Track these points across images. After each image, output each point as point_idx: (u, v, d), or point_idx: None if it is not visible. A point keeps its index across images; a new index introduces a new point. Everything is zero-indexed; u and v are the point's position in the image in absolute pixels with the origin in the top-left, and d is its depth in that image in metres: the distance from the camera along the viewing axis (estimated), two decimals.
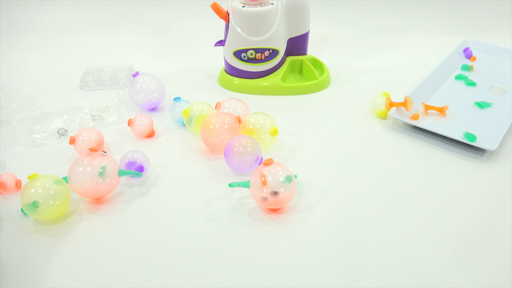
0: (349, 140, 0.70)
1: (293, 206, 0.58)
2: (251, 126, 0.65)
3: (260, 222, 0.56)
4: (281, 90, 0.84)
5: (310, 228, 0.55)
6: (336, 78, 0.89)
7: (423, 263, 0.50)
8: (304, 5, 0.80)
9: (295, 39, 0.84)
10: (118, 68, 0.91)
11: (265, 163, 0.55)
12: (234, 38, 0.81)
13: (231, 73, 0.86)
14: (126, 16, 1.18)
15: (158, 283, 0.48)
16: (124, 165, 0.61)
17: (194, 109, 0.69)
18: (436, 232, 0.53)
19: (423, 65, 0.92)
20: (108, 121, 0.76)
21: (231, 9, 0.78)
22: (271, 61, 0.82)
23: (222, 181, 0.62)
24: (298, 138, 0.71)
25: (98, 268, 0.50)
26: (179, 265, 0.50)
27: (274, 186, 0.54)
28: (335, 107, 0.79)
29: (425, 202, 0.58)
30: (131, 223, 0.56)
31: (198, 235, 0.54)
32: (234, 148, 0.61)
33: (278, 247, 0.52)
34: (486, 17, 1.10)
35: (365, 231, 0.54)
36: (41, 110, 0.78)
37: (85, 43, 1.06)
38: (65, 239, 0.54)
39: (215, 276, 0.49)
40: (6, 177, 0.60)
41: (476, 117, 0.74)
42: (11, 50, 1.03)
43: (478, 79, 0.85)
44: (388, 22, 1.12)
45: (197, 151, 0.69)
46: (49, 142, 0.71)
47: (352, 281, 0.48)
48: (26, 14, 1.18)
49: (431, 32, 1.07)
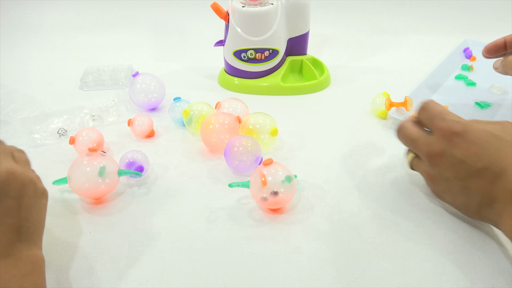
0: (349, 140, 0.70)
1: (293, 206, 0.58)
2: (251, 126, 0.65)
3: (260, 222, 0.56)
4: (281, 90, 0.84)
5: (310, 228, 0.55)
6: (336, 78, 0.89)
7: (423, 263, 0.50)
8: (304, 5, 0.80)
9: (295, 39, 0.84)
10: (118, 68, 0.91)
11: (264, 163, 0.55)
12: (234, 38, 0.81)
13: (231, 73, 0.86)
14: (126, 16, 1.18)
15: (158, 283, 0.48)
16: (124, 165, 0.61)
17: (194, 109, 0.69)
18: (436, 232, 0.53)
19: (423, 65, 0.92)
20: (108, 121, 0.76)
21: (231, 9, 0.78)
22: (271, 61, 0.82)
23: (222, 181, 0.62)
24: (298, 138, 0.71)
25: (98, 268, 0.50)
26: (179, 265, 0.50)
27: (274, 186, 0.54)
28: (335, 107, 0.79)
29: (425, 202, 0.58)
30: (131, 223, 0.56)
31: (198, 235, 0.54)
32: (234, 148, 0.61)
33: (278, 247, 0.52)
34: (486, 17, 1.11)
35: (365, 231, 0.54)
36: (41, 110, 0.78)
37: (85, 43, 1.06)
38: (64, 239, 0.54)
39: (215, 276, 0.49)
40: None
41: (476, 117, 0.74)
42: (11, 50, 1.03)
43: (478, 79, 0.85)
44: (388, 22, 1.12)
45: (197, 151, 0.69)
46: (49, 142, 0.71)
47: (352, 281, 0.48)
48: (26, 15, 1.18)
49: (431, 32, 1.07)
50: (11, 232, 0.42)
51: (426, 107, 0.53)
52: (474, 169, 0.47)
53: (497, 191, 0.46)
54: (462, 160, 0.48)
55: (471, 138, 0.48)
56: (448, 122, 0.49)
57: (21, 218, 0.44)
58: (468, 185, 0.48)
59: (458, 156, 0.48)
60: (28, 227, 0.44)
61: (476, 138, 0.47)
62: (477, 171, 0.47)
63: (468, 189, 0.49)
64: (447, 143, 0.49)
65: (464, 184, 0.49)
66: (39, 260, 0.44)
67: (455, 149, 0.48)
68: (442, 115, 0.50)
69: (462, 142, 0.48)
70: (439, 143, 0.50)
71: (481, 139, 0.47)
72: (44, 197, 0.48)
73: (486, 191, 0.47)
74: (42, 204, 0.47)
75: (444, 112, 0.51)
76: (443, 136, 0.49)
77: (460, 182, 0.49)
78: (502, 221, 0.47)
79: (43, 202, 0.48)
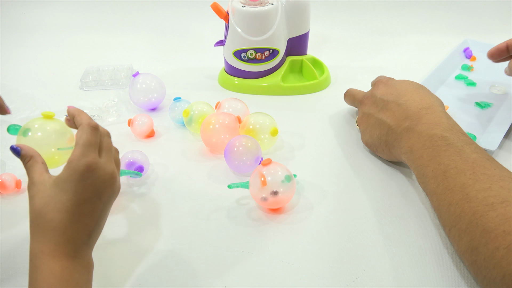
0: (349, 140, 0.70)
1: (293, 206, 0.58)
2: (251, 126, 0.65)
3: (259, 222, 0.56)
4: (281, 90, 0.84)
5: (310, 228, 0.55)
6: (336, 78, 0.89)
7: (423, 263, 0.50)
8: (304, 5, 0.80)
9: (295, 39, 0.84)
10: (118, 68, 0.91)
11: (264, 163, 0.55)
12: (234, 38, 0.81)
13: (231, 73, 0.86)
14: (126, 16, 1.18)
15: (158, 283, 0.48)
16: (124, 165, 0.61)
17: (194, 109, 0.69)
18: (436, 232, 0.53)
19: (423, 65, 0.91)
20: (108, 121, 0.76)
21: (231, 9, 0.78)
22: (271, 61, 0.82)
23: (222, 181, 0.62)
24: (298, 138, 0.71)
25: (98, 268, 0.50)
26: (179, 265, 0.50)
27: (274, 186, 0.54)
28: (335, 107, 0.79)
29: (425, 202, 0.58)
30: (130, 223, 0.56)
31: (197, 235, 0.54)
32: (234, 148, 0.61)
33: (278, 247, 0.52)
34: (486, 17, 1.10)
35: (365, 231, 0.54)
36: (41, 110, 0.78)
37: (85, 43, 1.06)
38: None
39: (215, 276, 0.49)
40: (6, 177, 0.60)
41: (476, 117, 0.74)
42: (11, 50, 1.03)
43: (478, 79, 0.85)
44: (388, 22, 1.12)
45: (197, 151, 0.69)
46: None
47: (352, 281, 0.48)
48: (26, 15, 1.18)
49: (431, 32, 1.07)
50: (87, 234, 0.42)
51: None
52: (385, 102, 0.62)
53: (399, 117, 0.59)
54: (380, 98, 0.63)
55: (390, 83, 0.64)
56: (379, 77, 0.68)
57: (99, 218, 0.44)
58: (381, 116, 0.61)
59: (378, 95, 0.64)
60: (98, 230, 0.44)
61: (393, 84, 0.64)
62: (387, 103, 0.61)
63: (381, 120, 0.61)
64: (374, 88, 0.66)
65: (378, 116, 0.62)
66: (91, 262, 0.44)
67: (377, 91, 0.64)
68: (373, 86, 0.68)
69: (383, 86, 0.64)
70: (369, 91, 0.67)
71: (395, 83, 0.64)
72: (116, 195, 0.47)
73: (392, 119, 0.59)
74: (112, 203, 0.47)
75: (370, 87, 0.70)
76: (372, 85, 0.68)
77: (376, 115, 0.62)
78: (401, 144, 0.57)
79: (114, 200, 0.47)
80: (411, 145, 0.55)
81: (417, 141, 0.54)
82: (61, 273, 0.39)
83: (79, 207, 0.41)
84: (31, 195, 0.42)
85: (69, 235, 0.41)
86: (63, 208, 0.41)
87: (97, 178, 0.43)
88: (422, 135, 0.54)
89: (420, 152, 0.53)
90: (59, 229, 0.40)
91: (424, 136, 0.54)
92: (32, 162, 0.44)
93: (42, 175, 0.42)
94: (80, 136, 0.44)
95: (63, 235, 0.40)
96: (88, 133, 0.44)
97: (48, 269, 0.39)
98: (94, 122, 0.46)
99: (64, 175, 0.41)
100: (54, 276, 0.39)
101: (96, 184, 0.43)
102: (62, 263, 0.40)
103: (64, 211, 0.41)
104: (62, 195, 0.41)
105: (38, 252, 0.40)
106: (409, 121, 0.57)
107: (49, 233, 0.40)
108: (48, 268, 0.39)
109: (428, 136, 0.53)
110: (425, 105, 0.58)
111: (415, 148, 0.54)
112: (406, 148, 0.56)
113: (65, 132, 0.50)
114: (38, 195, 0.41)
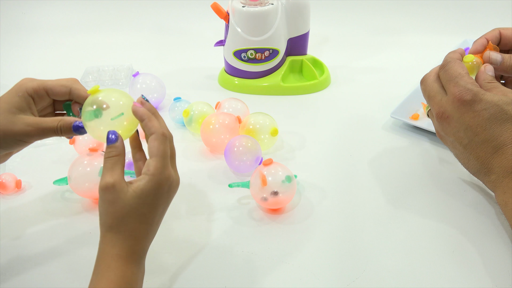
0: (349, 140, 0.70)
1: (293, 206, 0.58)
2: (251, 126, 0.65)
3: (260, 222, 0.56)
4: (281, 90, 0.84)
5: (310, 228, 0.55)
6: (336, 78, 0.89)
7: (423, 263, 0.50)
8: (304, 5, 0.80)
9: (295, 39, 0.84)
10: (118, 68, 0.91)
11: (264, 163, 0.55)
12: (234, 38, 0.81)
13: (231, 73, 0.86)
14: (126, 16, 1.18)
15: (158, 283, 0.48)
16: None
17: (194, 109, 0.69)
18: (436, 232, 0.53)
19: (423, 65, 0.91)
20: None
21: (231, 9, 0.79)
22: (271, 61, 0.82)
23: (222, 181, 0.62)
24: (298, 138, 0.71)
25: None
26: (179, 265, 0.50)
27: (274, 186, 0.54)
28: (335, 107, 0.79)
29: (426, 202, 0.58)
30: None
31: (198, 235, 0.54)
32: (234, 148, 0.61)
33: (278, 247, 0.52)
34: (486, 17, 1.10)
35: (365, 231, 0.54)
36: None
37: (85, 43, 1.06)
38: (65, 239, 0.54)
39: (215, 276, 0.49)
40: (6, 177, 0.60)
41: None
42: (11, 50, 1.03)
43: None
44: (388, 22, 1.12)
45: (197, 151, 0.69)
46: (49, 142, 0.71)
47: (352, 281, 0.48)
48: (26, 14, 1.18)
49: (431, 32, 1.07)
50: (149, 242, 0.44)
51: (446, 66, 0.53)
52: (475, 139, 0.50)
53: (494, 164, 0.49)
54: (466, 128, 0.50)
55: (478, 109, 0.49)
56: (460, 88, 0.50)
57: (157, 223, 0.45)
58: (469, 151, 0.51)
59: (464, 123, 0.50)
60: (153, 236, 0.45)
61: (482, 110, 0.49)
62: (478, 142, 0.49)
63: (469, 155, 0.51)
64: (456, 109, 0.50)
65: (465, 150, 0.51)
66: (143, 269, 0.45)
67: (462, 116, 0.50)
68: (457, 79, 0.51)
69: (469, 111, 0.49)
70: (449, 107, 0.51)
71: (487, 111, 0.49)
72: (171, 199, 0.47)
73: (484, 161, 0.50)
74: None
75: (460, 76, 0.51)
76: (453, 102, 0.51)
77: (462, 147, 0.52)
78: (496, 193, 0.49)
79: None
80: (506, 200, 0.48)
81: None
82: (130, 278, 0.41)
83: (156, 218, 0.44)
84: (109, 199, 0.41)
85: (143, 244, 0.43)
86: (144, 220, 0.42)
87: (172, 190, 0.45)
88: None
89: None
90: (139, 238, 0.42)
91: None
92: (118, 159, 0.43)
93: (122, 181, 0.42)
94: (158, 147, 0.43)
95: (140, 244, 0.42)
96: (164, 144, 0.44)
97: (121, 272, 0.40)
98: (165, 128, 0.46)
99: (147, 187, 0.42)
100: (125, 281, 0.40)
101: (170, 196, 0.45)
102: (132, 269, 0.41)
103: (145, 222, 0.43)
104: (144, 208, 0.42)
105: (115, 255, 0.41)
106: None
107: (130, 241, 0.42)
108: (121, 271, 0.40)
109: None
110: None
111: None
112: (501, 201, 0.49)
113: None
114: (119, 203, 0.41)
